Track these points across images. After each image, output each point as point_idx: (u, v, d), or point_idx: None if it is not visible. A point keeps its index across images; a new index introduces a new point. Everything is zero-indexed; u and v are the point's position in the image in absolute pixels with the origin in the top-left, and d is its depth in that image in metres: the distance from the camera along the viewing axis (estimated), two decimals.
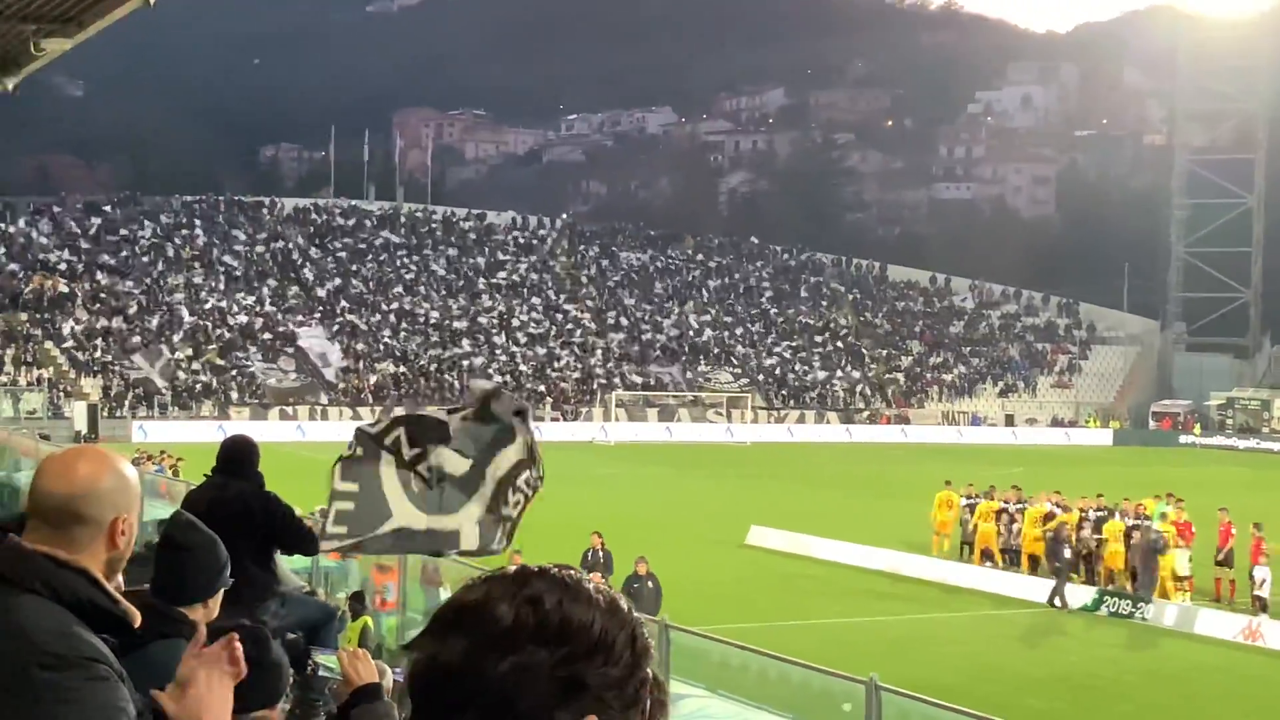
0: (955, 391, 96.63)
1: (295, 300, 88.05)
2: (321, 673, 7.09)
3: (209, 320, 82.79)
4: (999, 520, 34.42)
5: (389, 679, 5.94)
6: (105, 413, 70.58)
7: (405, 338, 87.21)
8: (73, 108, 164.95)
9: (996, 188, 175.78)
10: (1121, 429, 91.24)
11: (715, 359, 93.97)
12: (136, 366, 76.16)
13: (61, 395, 71.85)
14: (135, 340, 78.53)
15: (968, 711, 12.19)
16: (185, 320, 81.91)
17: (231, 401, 75.20)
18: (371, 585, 20.75)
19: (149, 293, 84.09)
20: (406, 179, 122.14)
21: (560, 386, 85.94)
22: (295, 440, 61.72)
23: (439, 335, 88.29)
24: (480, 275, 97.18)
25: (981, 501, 35.20)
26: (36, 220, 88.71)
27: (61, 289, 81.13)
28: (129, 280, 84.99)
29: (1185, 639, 27.39)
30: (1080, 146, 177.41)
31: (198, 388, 75.90)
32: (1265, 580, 28.61)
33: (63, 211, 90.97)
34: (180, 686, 3.13)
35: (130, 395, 73.75)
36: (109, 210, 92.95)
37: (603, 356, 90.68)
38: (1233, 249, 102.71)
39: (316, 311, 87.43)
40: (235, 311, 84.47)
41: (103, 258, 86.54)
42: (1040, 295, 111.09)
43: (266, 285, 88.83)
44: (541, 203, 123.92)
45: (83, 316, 79.50)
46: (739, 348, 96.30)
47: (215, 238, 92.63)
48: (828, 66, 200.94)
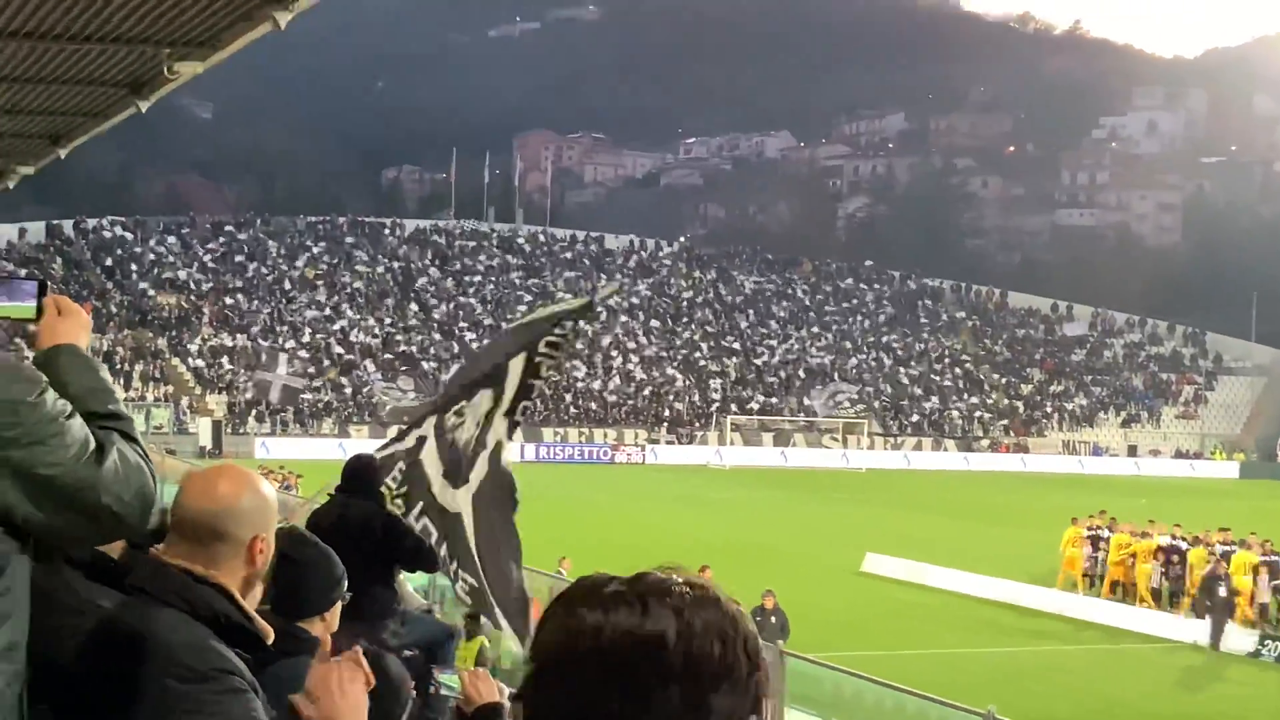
0: (1076, 421, 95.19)
1: (415, 320, 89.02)
2: (443, 692, 7.13)
3: (330, 339, 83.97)
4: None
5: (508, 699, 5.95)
6: (229, 429, 71.85)
7: None
8: (202, 129, 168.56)
9: (1120, 214, 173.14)
10: (1248, 461, 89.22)
11: (832, 384, 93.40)
12: (260, 383, 77.41)
13: (187, 411, 73.26)
14: (260, 357, 79.87)
15: None
16: (307, 338, 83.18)
17: (351, 420, 76.17)
18: None
19: (273, 311, 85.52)
20: (526, 201, 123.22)
21: (675, 410, 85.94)
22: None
23: None
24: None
25: (1113, 535, 34.49)
26: (166, 239, 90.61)
27: (188, 307, 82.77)
28: (254, 299, 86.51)
29: None
30: (1207, 173, 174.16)
31: (319, 405, 76.97)
32: None
33: (191, 231, 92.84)
34: (311, 696, 3.17)
35: (253, 412, 75.00)
36: (235, 230, 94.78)
37: (718, 380, 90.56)
38: None
39: (436, 332, 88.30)
40: (356, 331, 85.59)
41: (229, 277, 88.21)
42: (1165, 324, 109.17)
43: (386, 305, 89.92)
44: (659, 226, 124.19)
45: (209, 334, 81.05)
46: (856, 373, 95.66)
47: (338, 258, 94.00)
48: (949, 91, 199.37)
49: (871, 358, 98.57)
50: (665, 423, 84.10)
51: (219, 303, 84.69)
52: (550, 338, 7.36)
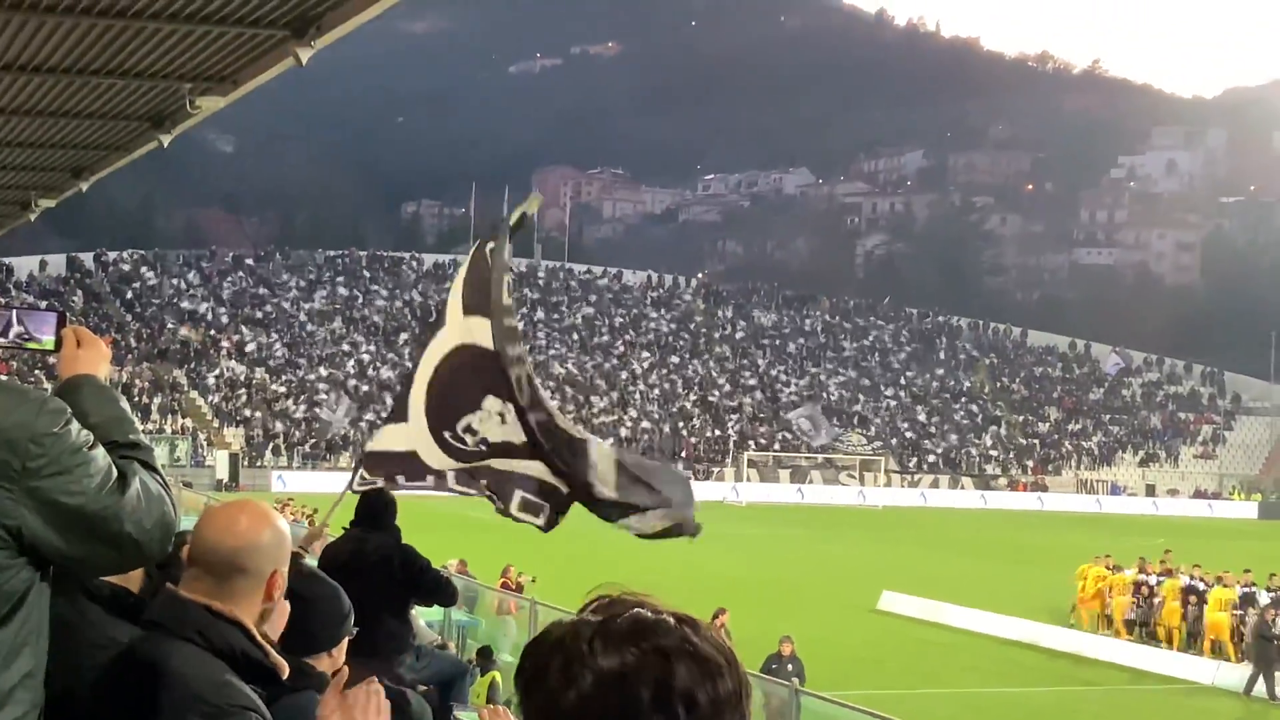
0: (1094, 460, 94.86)
1: None
2: None
3: (349, 373, 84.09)
4: (1137, 593, 33.62)
5: None
6: (246, 462, 71.91)
7: None
8: (223, 163, 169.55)
9: (1139, 253, 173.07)
10: (1266, 501, 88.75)
11: (849, 421, 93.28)
12: (278, 417, 77.52)
13: (205, 444, 73.37)
14: (278, 391, 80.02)
15: None
16: (325, 373, 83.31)
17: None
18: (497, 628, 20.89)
19: (292, 345, 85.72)
20: (545, 236, 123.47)
21: (692, 445, 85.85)
22: (429, 493, 62.20)
23: (573, 392, 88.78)
24: (615, 333, 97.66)
25: (1119, 574, 34.37)
26: (186, 272, 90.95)
27: (206, 340, 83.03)
28: (273, 333, 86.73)
29: None
30: (1227, 213, 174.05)
31: (337, 439, 77.03)
32: None
33: (211, 265, 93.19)
34: None
35: (271, 445, 75.08)
36: (255, 264, 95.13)
37: (735, 416, 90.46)
38: None
39: None
40: (374, 365, 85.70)
41: (248, 310, 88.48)
42: (1183, 363, 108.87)
43: (405, 339, 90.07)
44: (677, 262, 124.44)
45: (227, 367, 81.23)
46: (873, 410, 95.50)
47: (357, 292, 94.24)
48: (968, 129, 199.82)
49: (889, 394, 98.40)
50: (682, 458, 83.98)
51: (238, 336, 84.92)
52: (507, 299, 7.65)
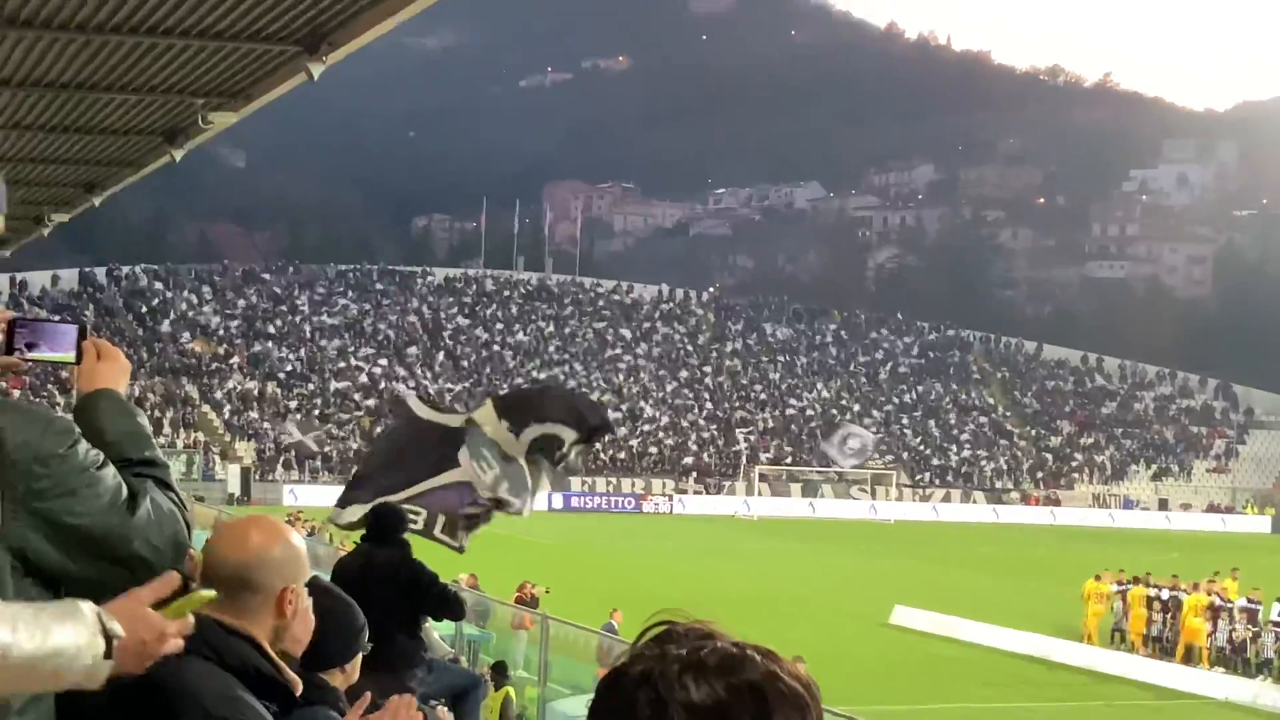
0: (1106, 474, 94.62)
1: (443, 369, 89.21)
2: None
3: (360, 386, 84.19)
4: (1150, 608, 33.54)
5: None
6: (258, 476, 71.96)
7: None
8: (235, 177, 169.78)
9: (1151, 267, 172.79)
10: None
11: (871, 443, 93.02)
12: (289, 431, 77.59)
13: (216, 458, 73.45)
14: (289, 405, 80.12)
15: None
16: (336, 386, 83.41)
17: None
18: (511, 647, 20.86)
19: (303, 359, 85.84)
20: (555, 250, 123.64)
21: (703, 460, 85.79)
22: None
23: None
24: (626, 347, 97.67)
25: (1134, 588, 34.28)
26: (198, 286, 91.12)
27: (218, 354, 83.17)
28: (284, 346, 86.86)
29: None
30: (1239, 226, 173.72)
31: (349, 453, 77.05)
32: None
33: (223, 279, 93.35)
34: None
35: (282, 459, 75.14)
36: (267, 278, 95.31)
37: (746, 430, 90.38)
38: None
39: (466, 380, 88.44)
40: (385, 378, 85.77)
41: (259, 324, 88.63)
42: (1196, 377, 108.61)
43: (415, 353, 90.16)
44: (688, 276, 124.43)
45: (239, 381, 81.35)
46: (884, 424, 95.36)
47: (368, 306, 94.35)
48: (978, 142, 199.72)
49: (900, 408, 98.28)
50: (693, 472, 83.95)
51: (249, 350, 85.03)
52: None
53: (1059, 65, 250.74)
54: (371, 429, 79.50)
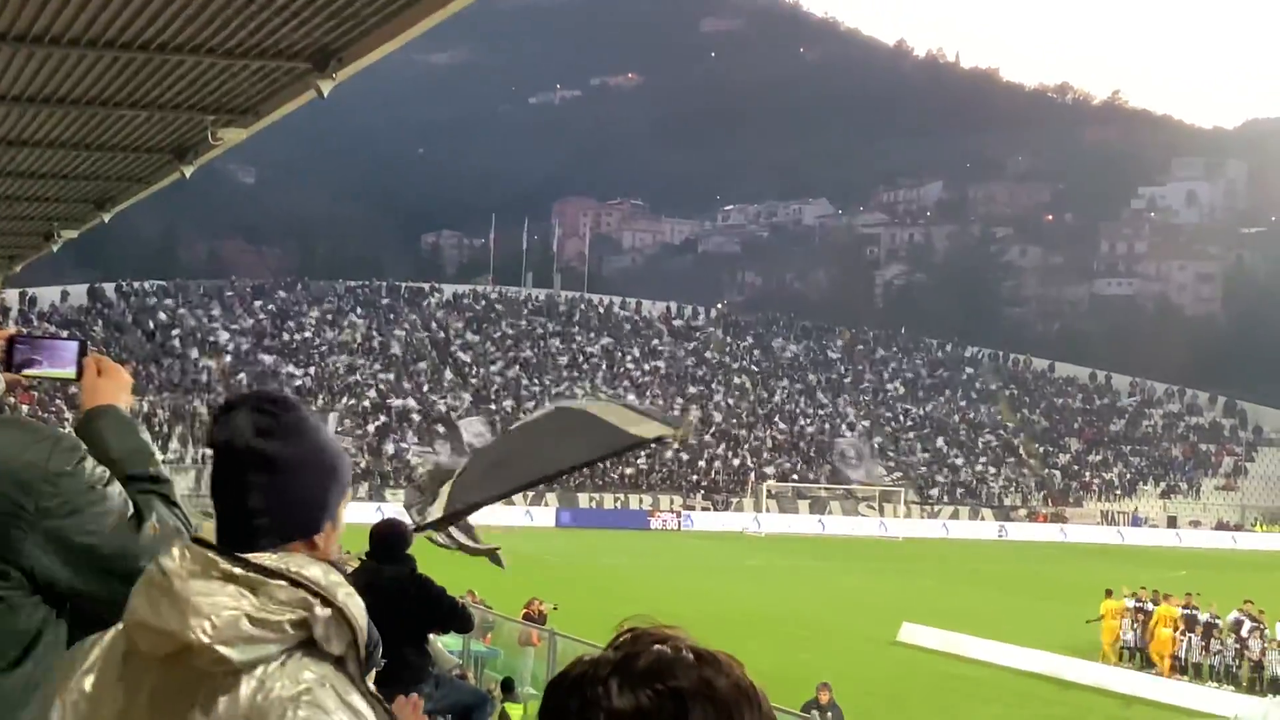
0: (1115, 491, 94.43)
1: (451, 385, 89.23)
2: None
3: (367, 402, 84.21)
4: (1177, 628, 33.52)
5: None
6: None
7: None
8: (244, 193, 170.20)
9: (1160, 284, 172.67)
10: None
11: (868, 452, 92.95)
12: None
13: None
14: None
15: None
16: (345, 402, 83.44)
17: (387, 483, 76.21)
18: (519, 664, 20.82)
19: (312, 375, 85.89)
20: (564, 267, 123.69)
21: (711, 476, 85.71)
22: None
23: None
24: (635, 364, 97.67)
25: (1160, 606, 34.17)
26: (206, 303, 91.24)
27: (227, 370, 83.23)
28: (293, 362, 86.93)
29: None
30: (1248, 243, 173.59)
31: (356, 470, 77.04)
32: None
33: (232, 295, 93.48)
34: None
35: None
36: (276, 293, 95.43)
37: (755, 447, 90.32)
38: None
39: (472, 397, 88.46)
40: (393, 394, 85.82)
41: (268, 340, 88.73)
42: (1205, 395, 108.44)
43: (423, 369, 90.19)
44: (696, 293, 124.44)
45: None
46: (893, 441, 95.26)
47: (376, 322, 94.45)
48: (987, 160, 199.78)
49: (909, 425, 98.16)
50: (701, 489, 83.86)
51: (259, 366, 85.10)
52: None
53: (1068, 83, 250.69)
54: (380, 446, 79.62)
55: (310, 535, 2.31)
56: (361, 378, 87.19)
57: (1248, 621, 32.01)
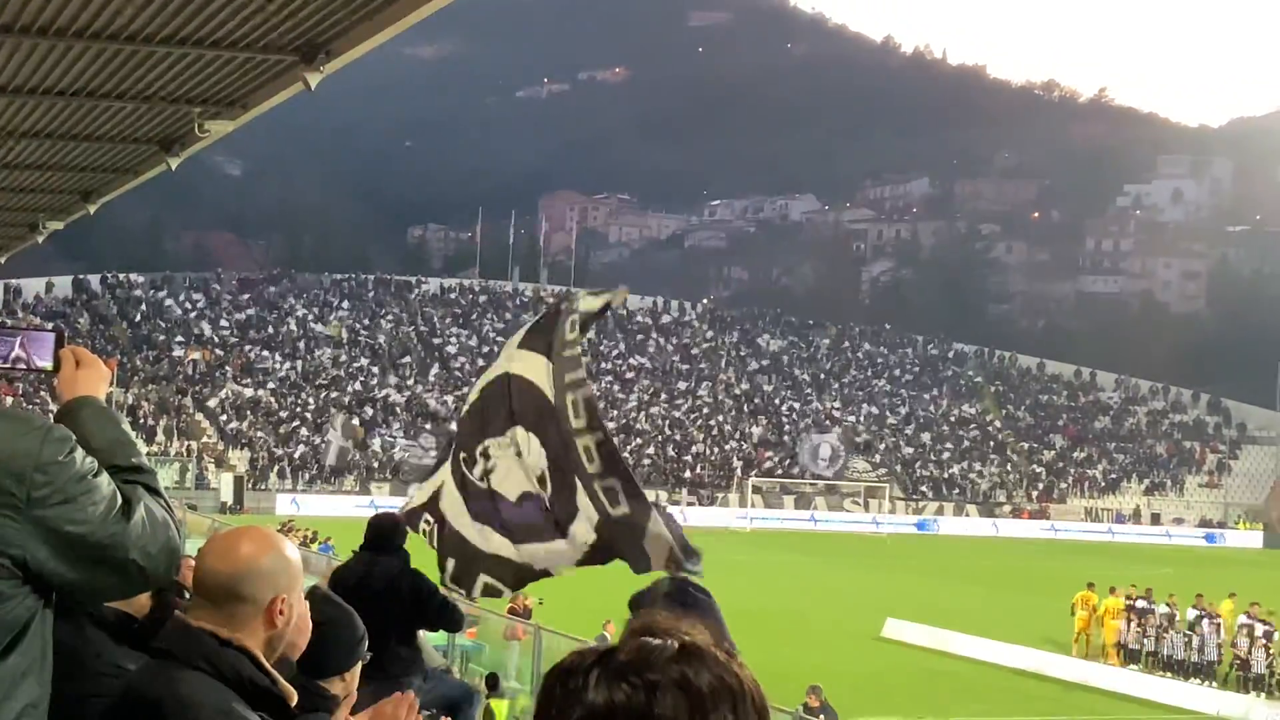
0: (1099, 488, 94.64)
1: (436, 379, 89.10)
2: None
3: (353, 396, 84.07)
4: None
5: None
6: (251, 485, 71.81)
7: None
8: (231, 186, 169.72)
9: (1145, 282, 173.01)
10: (1271, 531, 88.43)
11: (855, 448, 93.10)
12: (283, 439, 77.47)
13: (210, 466, 73.27)
14: (283, 414, 80.00)
15: None
16: (330, 395, 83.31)
17: (373, 477, 76.13)
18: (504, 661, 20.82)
19: (297, 368, 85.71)
20: (550, 261, 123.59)
21: (697, 472, 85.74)
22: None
23: None
24: (620, 359, 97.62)
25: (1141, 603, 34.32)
26: (192, 295, 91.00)
27: (212, 362, 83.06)
28: (278, 355, 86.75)
29: None
30: (1233, 241, 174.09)
31: (342, 462, 76.91)
32: None
33: (218, 287, 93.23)
34: None
35: (276, 468, 75.00)
36: (262, 286, 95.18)
37: (740, 442, 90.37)
38: None
39: (458, 390, 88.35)
40: (379, 388, 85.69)
41: (254, 333, 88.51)
42: (1189, 392, 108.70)
43: (409, 363, 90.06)
44: (683, 287, 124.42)
45: (232, 390, 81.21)
46: (878, 437, 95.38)
47: (363, 315, 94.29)
48: (974, 157, 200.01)
49: (894, 421, 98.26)
50: (687, 484, 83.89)
51: (243, 359, 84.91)
52: (568, 348, 6.38)
53: (1054, 80, 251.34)
54: (366, 439, 79.48)
55: None
56: (347, 371, 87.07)
57: (1208, 620, 32.29)
